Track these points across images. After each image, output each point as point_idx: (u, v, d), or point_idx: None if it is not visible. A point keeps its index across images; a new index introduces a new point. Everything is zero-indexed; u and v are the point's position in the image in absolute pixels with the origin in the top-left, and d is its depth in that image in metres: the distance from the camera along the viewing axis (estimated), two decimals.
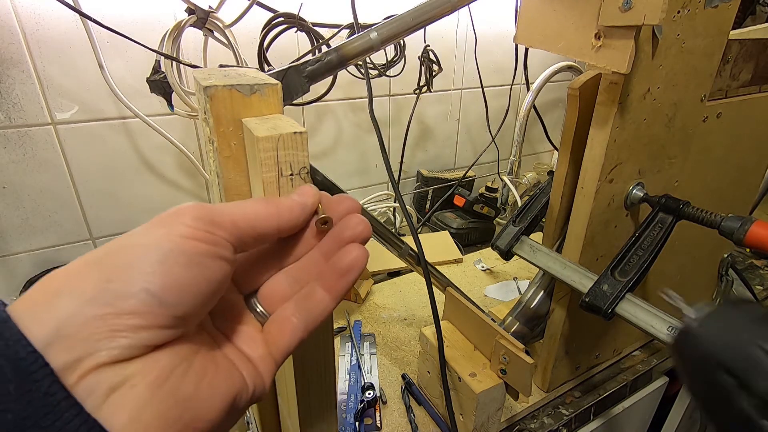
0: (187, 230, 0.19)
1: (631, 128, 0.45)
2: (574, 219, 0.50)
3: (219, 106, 0.27)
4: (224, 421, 0.20)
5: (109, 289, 0.17)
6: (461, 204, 1.07)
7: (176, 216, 0.19)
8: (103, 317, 0.16)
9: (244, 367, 0.22)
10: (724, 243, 0.62)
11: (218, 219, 0.20)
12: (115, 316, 0.16)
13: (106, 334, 0.16)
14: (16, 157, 0.71)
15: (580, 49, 0.41)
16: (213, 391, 0.19)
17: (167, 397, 0.17)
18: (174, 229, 0.19)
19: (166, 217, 0.19)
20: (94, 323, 0.16)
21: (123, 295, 0.17)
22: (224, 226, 0.20)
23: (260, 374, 0.22)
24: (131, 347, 0.17)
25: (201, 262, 0.19)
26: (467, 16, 1.02)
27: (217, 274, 0.20)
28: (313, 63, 0.44)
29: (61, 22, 0.68)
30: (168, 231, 0.19)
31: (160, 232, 0.19)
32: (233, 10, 0.71)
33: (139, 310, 0.17)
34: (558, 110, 1.34)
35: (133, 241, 0.18)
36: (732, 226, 0.43)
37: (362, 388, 0.60)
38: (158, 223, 0.19)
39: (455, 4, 0.48)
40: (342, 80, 0.92)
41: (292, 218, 0.23)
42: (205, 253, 0.19)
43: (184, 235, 0.19)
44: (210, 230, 0.20)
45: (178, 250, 0.18)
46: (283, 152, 0.25)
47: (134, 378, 0.17)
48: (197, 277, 0.19)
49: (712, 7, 0.44)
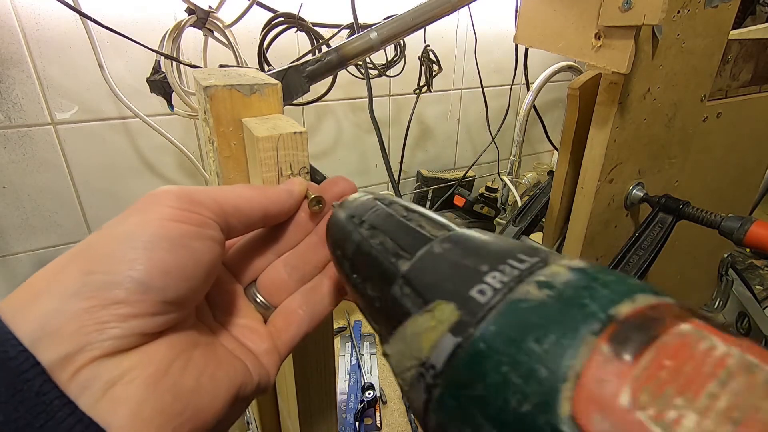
0: (169, 212, 0.18)
1: (631, 128, 0.45)
2: (574, 219, 0.50)
3: (219, 106, 0.27)
4: (229, 413, 0.19)
5: (92, 281, 0.16)
6: (461, 204, 1.07)
7: (156, 199, 0.19)
8: (88, 310, 0.16)
9: (248, 359, 0.21)
10: (724, 243, 0.62)
11: (200, 198, 0.19)
12: (101, 307, 0.16)
13: (94, 327, 0.15)
14: (16, 157, 0.71)
15: (579, 49, 0.41)
16: (215, 383, 0.19)
17: (168, 390, 0.17)
18: (155, 213, 0.18)
19: (146, 201, 0.19)
20: (80, 317, 0.15)
21: (107, 285, 0.16)
22: (207, 204, 0.20)
23: (264, 367, 0.22)
24: (123, 337, 0.16)
25: (186, 244, 0.18)
26: (467, 16, 1.02)
27: (206, 256, 0.19)
28: (313, 63, 0.44)
29: (61, 22, 0.68)
30: (148, 216, 0.18)
31: (140, 218, 0.18)
32: (233, 10, 0.71)
33: (126, 299, 0.16)
34: (558, 110, 1.34)
35: (113, 230, 0.18)
36: (732, 226, 0.43)
37: (362, 388, 0.60)
38: (138, 209, 0.18)
39: (455, 4, 0.48)
40: (342, 80, 0.92)
41: (279, 201, 0.23)
42: (190, 235, 0.18)
43: (166, 218, 0.18)
44: (193, 210, 0.19)
45: (160, 234, 0.17)
46: (283, 152, 0.25)
47: (132, 372, 0.16)
48: (184, 260, 0.18)
49: (712, 7, 0.44)
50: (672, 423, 0.09)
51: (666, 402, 0.10)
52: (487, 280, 0.13)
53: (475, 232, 0.17)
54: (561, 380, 0.11)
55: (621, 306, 0.11)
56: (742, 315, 0.71)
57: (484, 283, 0.13)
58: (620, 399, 0.10)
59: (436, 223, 0.18)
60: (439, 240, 0.16)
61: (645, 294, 0.12)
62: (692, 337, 0.11)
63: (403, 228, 0.18)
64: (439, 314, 0.14)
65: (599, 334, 0.11)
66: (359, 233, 0.19)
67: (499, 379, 0.12)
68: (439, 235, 0.17)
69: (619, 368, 0.10)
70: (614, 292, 0.12)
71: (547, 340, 0.11)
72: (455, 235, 0.16)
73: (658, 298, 0.12)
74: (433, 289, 0.15)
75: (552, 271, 0.13)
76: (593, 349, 0.11)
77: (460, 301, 0.13)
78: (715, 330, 0.11)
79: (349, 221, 0.20)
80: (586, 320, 0.11)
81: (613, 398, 0.10)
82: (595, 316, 0.11)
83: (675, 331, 0.11)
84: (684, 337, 0.11)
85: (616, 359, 0.11)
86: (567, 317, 0.12)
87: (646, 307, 0.11)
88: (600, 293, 0.12)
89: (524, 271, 0.13)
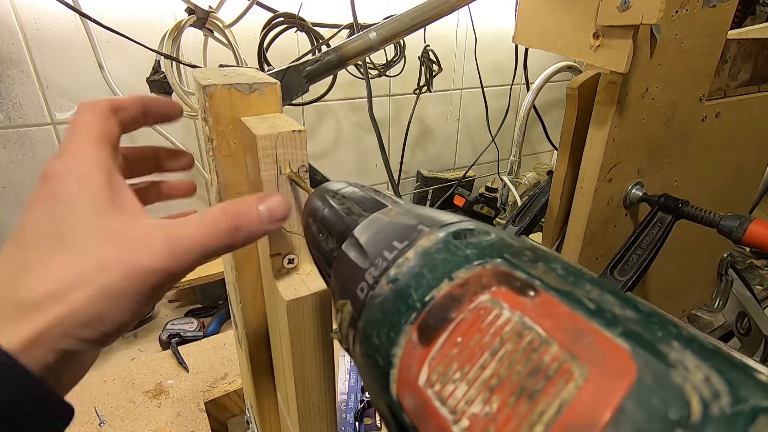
0: None
1: (629, 128, 0.45)
2: (573, 218, 0.50)
3: (218, 105, 0.27)
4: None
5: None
6: (461, 204, 1.07)
7: None
8: None
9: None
10: (723, 242, 0.62)
11: None
12: None
13: None
14: (16, 157, 0.71)
15: (578, 49, 0.41)
16: None
17: None
18: None
19: None
20: None
21: None
22: None
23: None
24: None
25: None
26: (467, 16, 1.03)
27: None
28: (312, 63, 0.44)
29: (61, 22, 0.68)
30: None
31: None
32: (233, 10, 0.71)
33: None
34: (558, 110, 1.34)
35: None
36: (731, 225, 0.43)
37: (362, 388, 0.60)
38: None
39: (454, 4, 0.48)
40: (342, 80, 0.92)
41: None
42: None
43: None
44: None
45: None
46: (282, 150, 0.25)
47: None
48: None
49: (711, 6, 0.44)
50: (448, 396, 0.11)
51: (448, 378, 0.11)
52: (366, 277, 0.15)
53: (381, 214, 0.18)
54: (390, 366, 0.13)
55: (436, 290, 0.13)
56: (741, 315, 0.71)
57: (364, 280, 0.15)
58: (419, 380, 0.12)
59: (366, 202, 0.20)
60: (352, 231, 0.18)
61: (463, 269, 0.13)
62: (485, 309, 0.12)
63: (334, 213, 0.20)
64: (345, 311, 0.16)
65: (414, 323, 0.13)
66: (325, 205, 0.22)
67: (362, 362, 0.14)
68: (352, 224, 0.19)
69: (420, 353, 0.12)
70: (436, 275, 0.13)
71: (383, 333, 0.13)
72: (367, 221, 0.18)
73: (471, 270, 0.13)
74: (340, 291, 0.17)
75: (405, 259, 0.15)
76: (408, 339, 0.13)
77: (352, 299, 0.16)
78: (511, 293, 0.12)
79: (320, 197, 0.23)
80: (408, 312, 0.13)
81: (415, 380, 0.12)
82: (413, 307, 0.13)
83: (472, 306, 0.12)
84: (478, 310, 0.12)
85: (419, 345, 0.12)
86: (396, 310, 0.13)
87: (455, 286, 0.13)
88: (425, 279, 0.13)
89: (389, 262, 0.15)
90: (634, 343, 0.09)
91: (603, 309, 0.10)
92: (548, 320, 0.11)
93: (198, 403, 0.57)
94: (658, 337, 0.09)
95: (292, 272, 0.29)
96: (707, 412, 0.08)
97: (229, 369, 0.63)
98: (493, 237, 0.14)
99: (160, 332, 0.73)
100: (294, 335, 0.28)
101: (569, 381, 0.09)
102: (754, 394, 0.08)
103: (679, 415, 0.08)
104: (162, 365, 0.63)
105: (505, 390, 0.10)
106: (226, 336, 0.70)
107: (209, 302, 0.84)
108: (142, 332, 0.76)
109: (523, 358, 0.10)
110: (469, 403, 0.10)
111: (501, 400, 0.10)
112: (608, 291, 0.11)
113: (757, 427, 0.08)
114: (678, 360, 0.09)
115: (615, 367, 0.09)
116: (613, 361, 0.09)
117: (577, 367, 0.09)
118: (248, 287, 0.33)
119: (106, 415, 0.55)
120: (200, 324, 0.75)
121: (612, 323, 0.10)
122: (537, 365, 0.10)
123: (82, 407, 0.56)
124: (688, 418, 0.08)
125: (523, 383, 0.10)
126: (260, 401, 0.44)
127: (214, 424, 0.58)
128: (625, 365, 0.09)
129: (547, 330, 0.10)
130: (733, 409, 0.08)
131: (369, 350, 0.14)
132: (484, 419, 0.10)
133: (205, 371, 0.62)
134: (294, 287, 0.27)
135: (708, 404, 0.08)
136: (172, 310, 0.83)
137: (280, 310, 0.28)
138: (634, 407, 0.08)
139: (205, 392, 0.59)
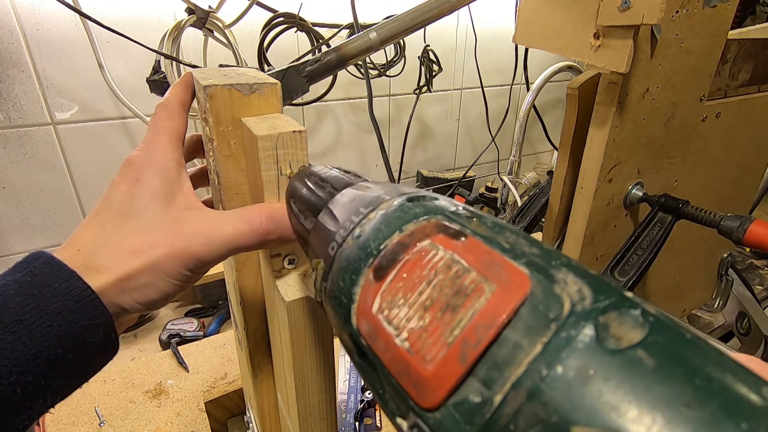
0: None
1: (630, 128, 0.45)
2: (573, 218, 0.50)
3: (218, 106, 0.27)
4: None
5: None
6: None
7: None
8: None
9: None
10: (723, 243, 0.62)
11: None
12: None
13: None
14: (16, 157, 0.71)
15: (578, 49, 0.41)
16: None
17: None
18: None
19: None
20: None
21: None
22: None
23: None
24: None
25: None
26: (467, 16, 1.03)
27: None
28: (312, 63, 0.44)
29: (61, 22, 0.68)
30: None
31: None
32: (233, 10, 0.71)
33: None
34: (558, 110, 1.34)
35: None
36: (731, 225, 0.43)
37: (362, 388, 0.60)
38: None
39: (454, 4, 0.48)
40: (342, 80, 0.92)
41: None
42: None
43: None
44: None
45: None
46: (283, 151, 0.25)
47: None
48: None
49: (711, 6, 0.44)
50: (393, 317, 0.14)
51: (394, 304, 0.14)
52: (336, 238, 0.18)
53: (354, 189, 0.21)
54: (352, 302, 0.16)
55: (389, 239, 0.16)
56: (741, 315, 0.71)
57: (334, 240, 0.19)
58: (373, 308, 0.15)
59: (342, 181, 0.22)
60: (327, 204, 0.21)
61: (411, 222, 0.16)
62: (426, 251, 0.15)
63: (311, 193, 0.23)
64: (319, 269, 0.19)
65: (371, 266, 0.16)
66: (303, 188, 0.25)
67: (331, 304, 0.17)
68: (328, 199, 0.21)
69: (374, 288, 0.15)
70: (390, 229, 0.16)
71: (347, 277, 0.16)
72: (340, 195, 0.21)
73: (417, 224, 0.16)
74: (315, 253, 0.21)
75: (368, 220, 0.17)
76: (366, 279, 0.16)
77: (324, 257, 0.19)
78: (446, 238, 0.15)
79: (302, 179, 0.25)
80: (366, 258, 0.16)
81: (369, 309, 0.15)
82: (371, 254, 0.16)
83: (416, 249, 0.15)
84: (420, 252, 0.15)
85: (374, 282, 0.15)
86: (357, 258, 0.16)
87: (404, 236, 0.16)
88: (381, 233, 0.16)
89: (355, 224, 0.18)
90: (533, 269, 0.12)
91: (514, 248, 0.14)
92: (471, 255, 0.14)
93: (198, 403, 0.57)
94: (551, 265, 0.12)
95: (293, 272, 0.29)
96: (574, 309, 0.11)
97: (229, 369, 0.63)
98: (439, 201, 0.17)
99: (160, 332, 0.73)
100: (294, 335, 0.28)
101: (481, 296, 0.12)
102: (610, 297, 0.11)
103: (555, 314, 0.11)
104: (162, 365, 0.63)
105: (435, 308, 0.13)
106: (226, 336, 0.70)
107: (209, 302, 0.84)
108: (142, 332, 0.76)
109: (450, 284, 0.13)
110: (409, 320, 0.13)
111: (432, 315, 0.13)
112: (522, 236, 0.14)
113: (605, 316, 0.11)
114: (562, 278, 0.12)
115: (515, 284, 0.12)
116: (515, 281, 0.12)
117: (488, 286, 0.12)
118: (248, 287, 0.33)
119: (106, 415, 0.55)
120: (200, 324, 0.75)
121: (519, 256, 0.13)
122: (460, 287, 0.13)
123: (82, 407, 0.56)
124: (560, 314, 0.11)
125: (448, 301, 0.13)
126: (260, 401, 0.44)
127: (214, 424, 0.58)
128: (523, 283, 0.12)
129: (469, 262, 0.13)
130: (592, 306, 0.11)
131: (336, 293, 0.17)
132: (419, 330, 0.13)
133: (205, 371, 0.62)
134: (294, 288, 0.27)
135: (575, 304, 0.11)
136: (172, 310, 0.83)
137: (280, 311, 0.28)
138: (526, 310, 0.12)
139: (205, 392, 0.59)
